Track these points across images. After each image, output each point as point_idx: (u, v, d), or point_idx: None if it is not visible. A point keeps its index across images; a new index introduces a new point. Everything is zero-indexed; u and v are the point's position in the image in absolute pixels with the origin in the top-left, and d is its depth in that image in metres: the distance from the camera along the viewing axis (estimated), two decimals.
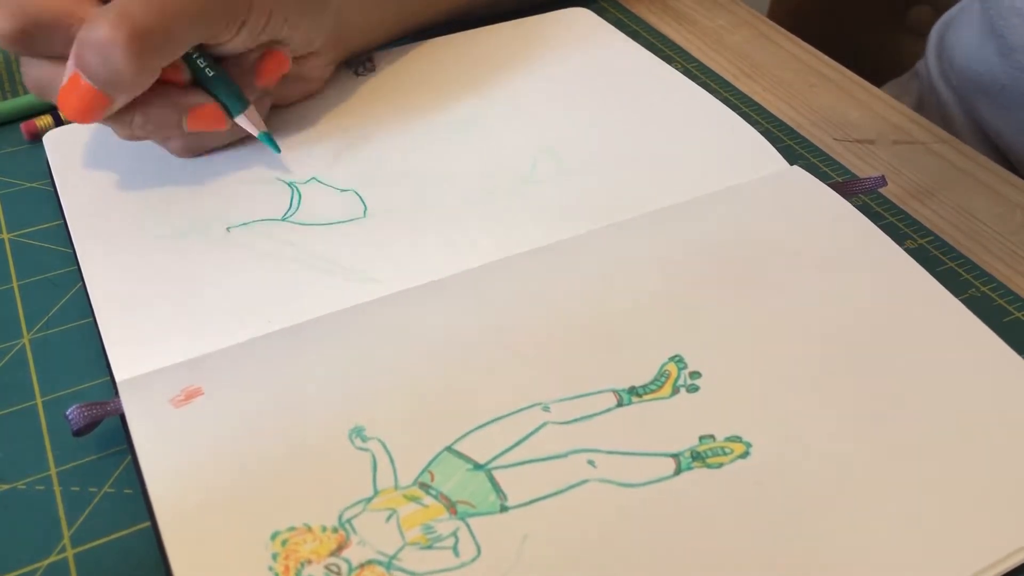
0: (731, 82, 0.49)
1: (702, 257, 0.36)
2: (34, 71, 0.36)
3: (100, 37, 0.33)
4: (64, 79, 0.34)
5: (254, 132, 0.39)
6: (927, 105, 0.62)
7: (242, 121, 0.39)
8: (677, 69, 0.49)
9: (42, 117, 0.43)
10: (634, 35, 0.52)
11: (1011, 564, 0.27)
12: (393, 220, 0.38)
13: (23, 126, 0.43)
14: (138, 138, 0.38)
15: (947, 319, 0.34)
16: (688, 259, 0.36)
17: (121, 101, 0.35)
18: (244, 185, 0.40)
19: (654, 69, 0.47)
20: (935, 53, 0.62)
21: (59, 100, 0.35)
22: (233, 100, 0.38)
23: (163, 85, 0.36)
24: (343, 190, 0.39)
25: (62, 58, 0.35)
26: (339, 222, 0.38)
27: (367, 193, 0.39)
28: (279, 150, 0.40)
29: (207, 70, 0.38)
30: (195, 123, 0.38)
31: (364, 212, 0.38)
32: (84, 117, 0.35)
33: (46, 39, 0.35)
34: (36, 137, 0.43)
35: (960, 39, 0.58)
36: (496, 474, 0.28)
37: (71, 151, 0.41)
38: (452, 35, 0.50)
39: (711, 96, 0.45)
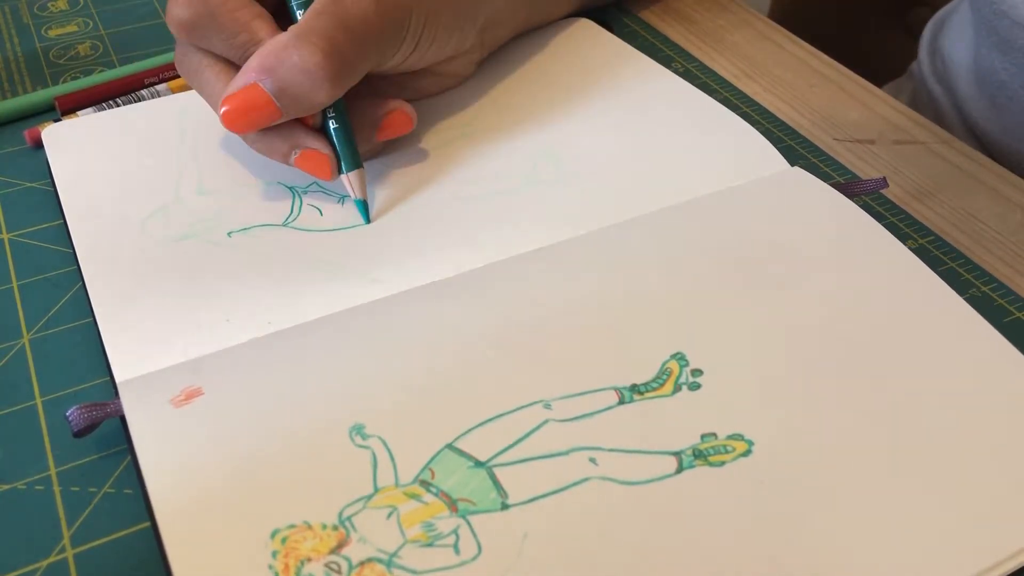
0: (731, 82, 0.49)
1: (704, 255, 0.36)
2: (188, 58, 0.38)
3: (308, 60, 0.34)
4: (234, 86, 0.35)
5: (353, 195, 0.38)
6: (920, 104, 0.62)
7: (347, 180, 0.38)
8: (677, 69, 0.49)
9: (45, 124, 0.43)
10: (634, 35, 0.52)
11: (1014, 565, 0.27)
12: (395, 224, 0.38)
13: (26, 133, 0.43)
14: (249, 143, 0.39)
15: (951, 317, 0.34)
16: (690, 257, 0.36)
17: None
18: (245, 189, 0.40)
19: (654, 73, 0.47)
20: (928, 52, 0.62)
21: (225, 103, 0.35)
22: (347, 157, 0.38)
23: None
24: (344, 195, 0.39)
25: (212, 55, 0.37)
26: (340, 228, 0.38)
27: (369, 198, 0.39)
28: (369, 221, 0.38)
29: (332, 120, 0.38)
30: (303, 163, 0.38)
31: (366, 218, 0.38)
32: (246, 127, 0.36)
33: (210, 37, 0.36)
34: (40, 144, 0.43)
35: (955, 39, 0.58)
36: (497, 472, 0.28)
37: (71, 150, 0.41)
38: None
39: (711, 99, 0.45)
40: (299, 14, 0.37)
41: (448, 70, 0.44)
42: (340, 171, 0.38)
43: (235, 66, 0.37)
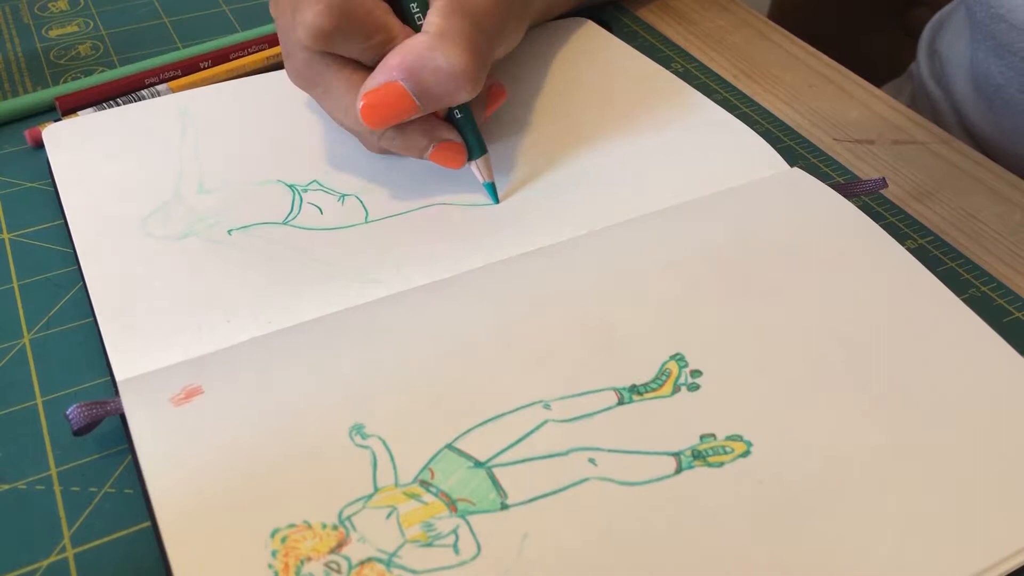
0: (731, 82, 0.49)
1: (704, 256, 0.36)
2: (308, 66, 0.38)
3: (455, 64, 0.35)
4: (374, 83, 0.35)
5: (481, 179, 0.39)
6: (919, 105, 0.62)
7: (476, 166, 0.39)
8: (677, 69, 0.49)
9: (45, 124, 0.43)
10: (634, 35, 0.52)
11: (1012, 565, 0.27)
12: (395, 223, 0.38)
13: (27, 133, 0.43)
14: (379, 150, 0.39)
15: (949, 319, 0.34)
16: (690, 258, 0.36)
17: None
18: (246, 188, 0.40)
19: (654, 74, 0.47)
20: (926, 54, 0.62)
21: (365, 98, 0.36)
22: (475, 144, 0.39)
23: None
24: (345, 195, 0.39)
25: (341, 59, 0.37)
26: (340, 227, 0.38)
27: (368, 198, 0.39)
28: (498, 200, 0.39)
29: (457, 110, 0.38)
30: (437, 156, 0.38)
31: (365, 217, 0.38)
32: (384, 123, 0.36)
33: (350, 42, 0.36)
34: (40, 144, 0.43)
35: (953, 40, 0.58)
36: (497, 472, 0.28)
37: (72, 149, 0.41)
38: None
39: (711, 101, 0.45)
40: (417, 15, 0.37)
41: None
42: (470, 157, 0.39)
43: (363, 67, 0.37)
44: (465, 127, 0.38)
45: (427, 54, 0.35)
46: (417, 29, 0.37)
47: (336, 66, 0.37)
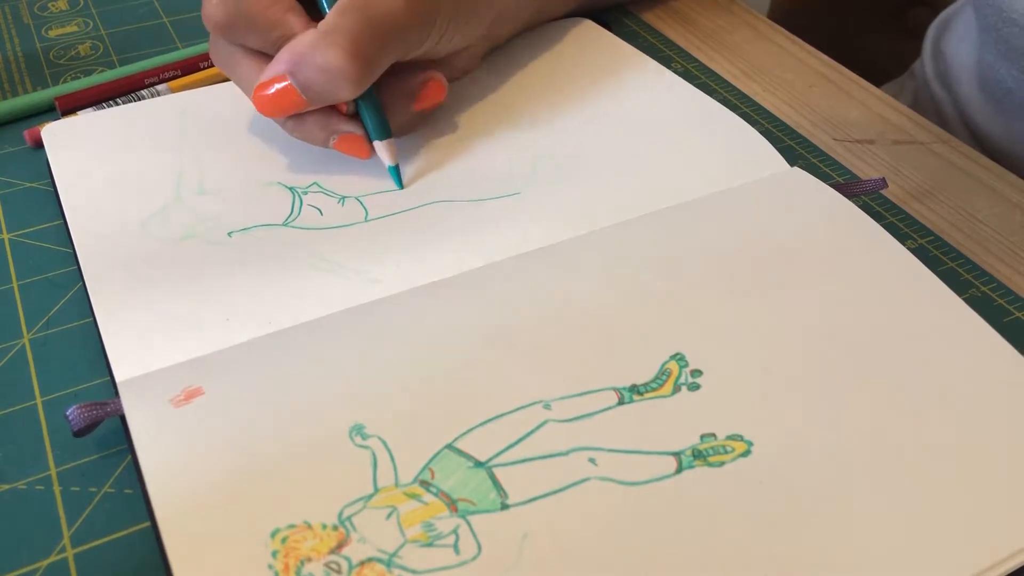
0: (731, 82, 0.49)
1: (704, 255, 0.36)
2: (222, 50, 0.40)
3: (331, 62, 0.35)
4: (265, 76, 0.37)
5: (386, 162, 0.40)
6: (922, 105, 0.62)
7: (378, 147, 0.39)
8: (677, 69, 0.49)
9: (45, 124, 0.43)
10: (634, 35, 0.52)
11: (1013, 565, 0.27)
12: (395, 224, 0.38)
13: (26, 133, 0.43)
14: (286, 129, 0.40)
15: (950, 318, 0.34)
16: (690, 258, 0.36)
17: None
18: (246, 189, 0.40)
19: (654, 73, 0.47)
20: (931, 54, 0.62)
21: (256, 92, 0.37)
22: (375, 127, 0.39)
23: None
24: (345, 196, 0.39)
25: (246, 48, 0.39)
26: (340, 226, 0.38)
27: (368, 199, 0.39)
28: (402, 186, 0.40)
29: (359, 99, 0.38)
30: (341, 146, 0.39)
31: (365, 217, 0.38)
32: (276, 114, 0.38)
33: (246, 34, 0.38)
34: (40, 144, 0.43)
35: (959, 41, 0.58)
36: (497, 472, 0.28)
37: (71, 148, 0.41)
38: None
39: (711, 99, 0.45)
40: (328, 8, 0.38)
41: (455, 63, 0.44)
42: (370, 140, 0.39)
43: (269, 57, 0.38)
44: (366, 114, 0.39)
45: (309, 51, 0.36)
46: None
47: (243, 54, 0.39)
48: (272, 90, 0.37)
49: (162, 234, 0.37)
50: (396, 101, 0.40)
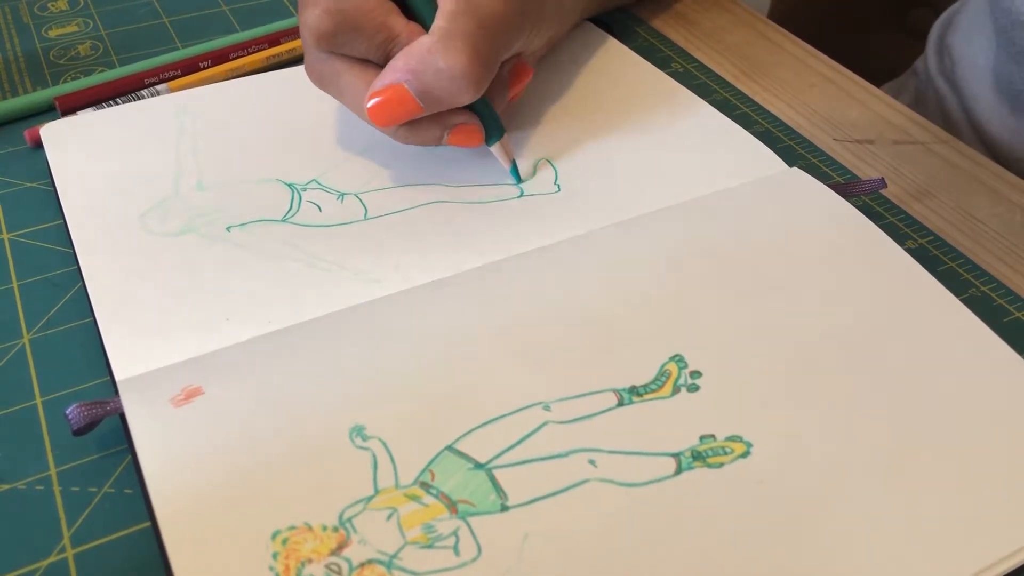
0: (731, 82, 0.49)
1: (703, 257, 0.36)
2: (324, 65, 0.38)
3: (455, 67, 0.35)
4: (380, 83, 0.36)
5: (504, 163, 0.40)
6: (925, 102, 0.62)
7: (497, 149, 0.39)
8: (677, 69, 0.49)
9: (44, 124, 0.43)
10: (634, 36, 0.52)
11: (1012, 564, 0.27)
12: (394, 222, 0.38)
13: (26, 133, 0.43)
14: (404, 141, 0.39)
15: (948, 319, 0.34)
16: (689, 259, 0.36)
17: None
18: (244, 186, 0.40)
19: (653, 77, 0.47)
20: (935, 50, 0.62)
21: (372, 98, 0.36)
22: (493, 126, 0.39)
23: None
24: (344, 193, 0.39)
25: (348, 57, 0.38)
26: (339, 224, 0.38)
27: (367, 196, 0.39)
28: (521, 180, 0.40)
29: None
30: (456, 139, 0.39)
31: (364, 215, 0.38)
32: (391, 121, 0.37)
33: (352, 43, 0.37)
34: (40, 144, 0.43)
35: (966, 38, 0.58)
36: (497, 473, 0.28)
37: (70, 147, 0.41)
38: None
39: (709, 105, 0.45)
40: (427, 15, 0.37)
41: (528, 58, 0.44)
42: (488, 141, 0.39)
43: (373, 65, 0.38)
44: (481, 111, 0.39)
45: (428, 57, 0.35)
46: (427, 28, 0.37)
47: (346, 64, 0.38)
48: (385, 97, 0.36)
49: (160, 229, 0.37)
50: (494, 96, 0.40)
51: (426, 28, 0.37)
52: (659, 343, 0.32)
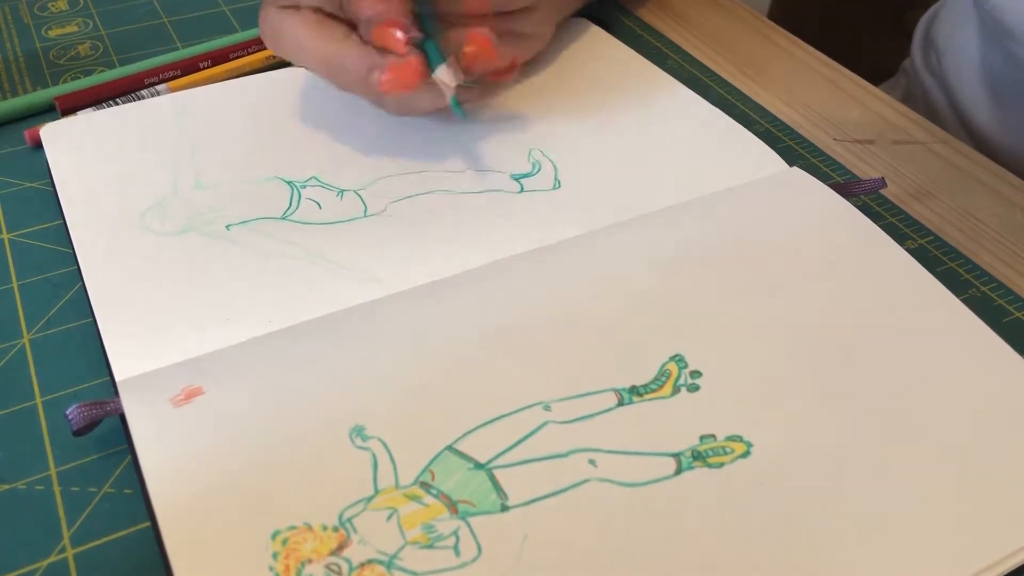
0: (731, 82, 0.49)
1: (703, 257, 0.36)
2: (278, 20, 0.39)
3: None
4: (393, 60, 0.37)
5: (446, 92, 0.38)
6: (912, 98, 0.62)
7: (438, 77, 0.38)
8: (677, 69, 0.49)
9: (44, 124, 0.43)
10: (633, 35, 0.52)
11: (1012, 564, 0.27)
12: (393, 220, 0.38)
13: (26, 133, 0.43)
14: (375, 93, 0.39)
15: (948, 319, 0.34)
16: (689, 259, 0.36)
17: None
18: (243, 184, 0.40)
19: (652, 76, 0.47)
20: (920, 46, 0.62)
21: (391, 71, 0.37)
22: (434, 54, 0.38)
23: None
24: (343, 190, 0.39)
25: (303, 9, 0.39)
26: (339, 221, 0.38)
27: (367, 194, 0.39)
28: (464, 115, 0.40)
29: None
30: (390, 82, 0.37)
31: (364, 212, 0.38)
32: (409, 86, 0.37)
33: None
34: (40, 144, 0.43)
35: (947, 31, 0.58)
36: (497, 473, 0.28)
37: (70, 147, 0.41)
38: None
39: (711, 105, 0.45)
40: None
41: (527, 30, 0.44)
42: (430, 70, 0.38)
43: (328, 18, 0.39)
44: (425, 45, 0.38)
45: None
46: None
47: (300, 19, 0.39)
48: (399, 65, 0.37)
49: (160, 228, 0.37)
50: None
51: None
52: (659, 343, 0.32)
